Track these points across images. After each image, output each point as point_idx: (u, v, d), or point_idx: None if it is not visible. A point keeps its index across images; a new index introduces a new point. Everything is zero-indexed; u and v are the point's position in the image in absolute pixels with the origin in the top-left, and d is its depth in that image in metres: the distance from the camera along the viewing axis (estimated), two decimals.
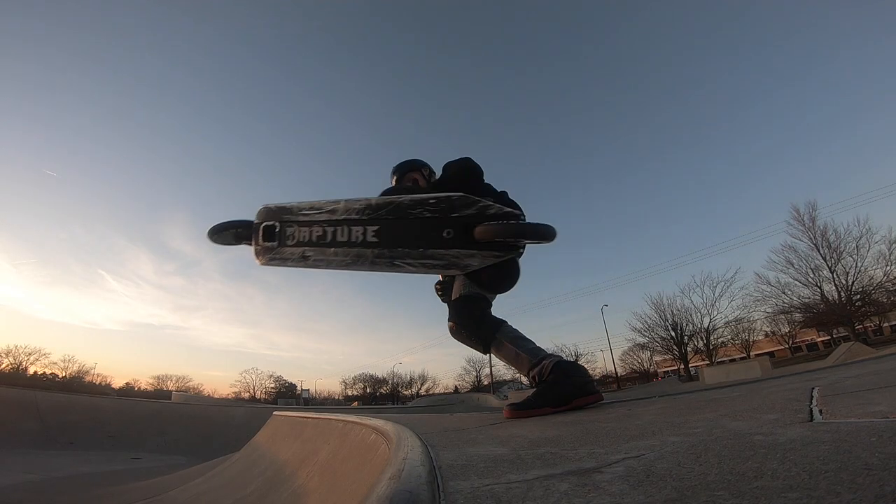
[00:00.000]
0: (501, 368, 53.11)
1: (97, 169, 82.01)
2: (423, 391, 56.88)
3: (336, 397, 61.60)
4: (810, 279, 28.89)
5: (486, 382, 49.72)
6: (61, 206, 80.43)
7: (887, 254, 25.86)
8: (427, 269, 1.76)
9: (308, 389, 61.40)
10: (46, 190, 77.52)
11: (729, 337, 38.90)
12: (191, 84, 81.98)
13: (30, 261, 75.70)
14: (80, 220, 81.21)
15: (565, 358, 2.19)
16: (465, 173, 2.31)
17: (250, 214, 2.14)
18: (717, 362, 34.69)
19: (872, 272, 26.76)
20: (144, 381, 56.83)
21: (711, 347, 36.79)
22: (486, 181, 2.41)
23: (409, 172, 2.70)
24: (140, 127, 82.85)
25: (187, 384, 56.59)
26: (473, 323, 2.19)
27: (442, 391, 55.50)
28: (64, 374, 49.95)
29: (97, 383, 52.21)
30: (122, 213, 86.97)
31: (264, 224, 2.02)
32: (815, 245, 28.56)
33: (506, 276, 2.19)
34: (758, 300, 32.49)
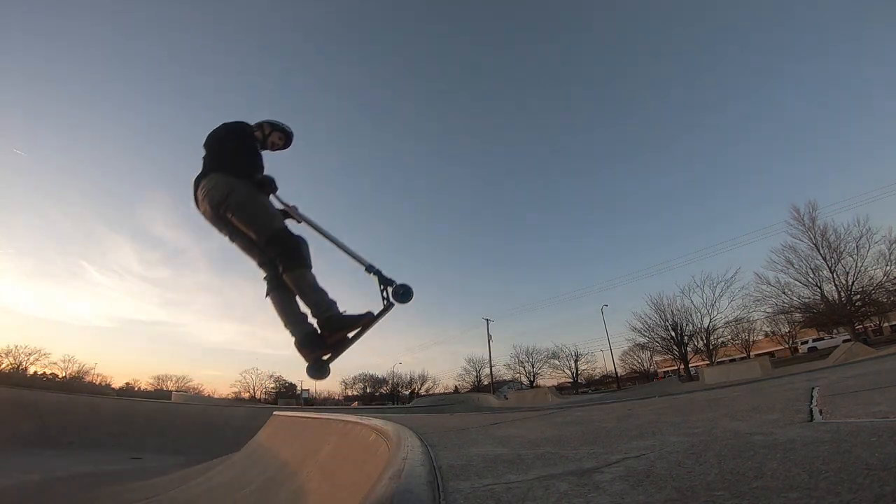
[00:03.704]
0: (501, 369, 53.33)
1: (68, 145, 74.48)
2: (423, 391, 56.90)
3: (336, 397, 61.61)
4: (810, 279, 28.85)
5: (486, 382, 49.75)
6: (33, 189, 72.73)
7: (887, 254, 25.81)
8: None
9: (308, 389, 61.36)
10: (14, 171, 67.90)
11: (729, 337, 38.89)
12: (166, 53, 75.40)
13: (6, 251, 69.87)
14: (55, 203, 74.18)
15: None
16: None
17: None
18: (717, 362, 34.66)
19: (872, 272, 26.71)
20: (144, 381, 56.79)
21: (711, 347, 36.77)
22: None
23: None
24: (111, 98, 75.71)
25: (187, 384, 56.54)
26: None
27: (442, 391, 55.53)
28: (64, 374, 49.94)
29: (97, 383, 52.16)
30: (99, 193, 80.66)
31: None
32: (815, 245, 28.52)
33: None
34: (758, 300, 32.43)
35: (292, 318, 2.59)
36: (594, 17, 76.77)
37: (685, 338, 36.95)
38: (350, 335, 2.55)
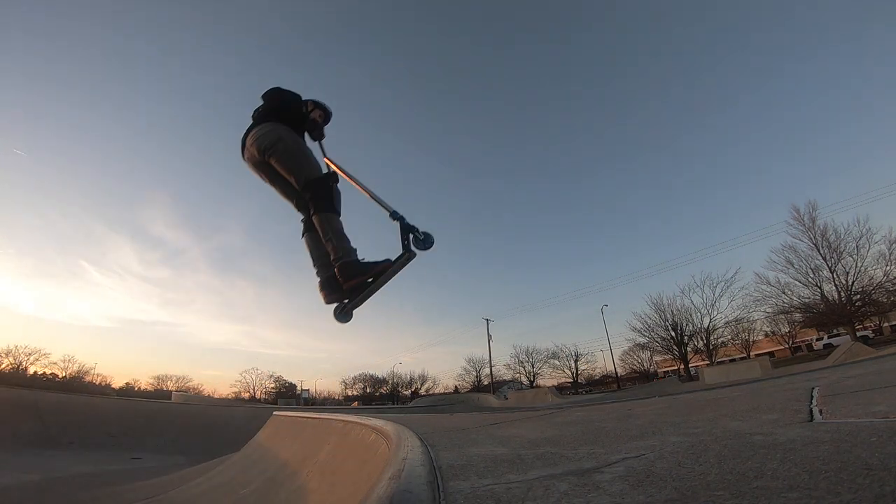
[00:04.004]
0: (501, 369, 53.34)
1: (68, 145, 74.34)
2: (423, 391, 56.89)
3: (336, 397, 61.59)
4: (810, 279, 28.85)
5: (486, 382, 49.75)
6: (33, 189, 73.10)
7: (887, 254, 25.79)
8: None
9: (308, 389, 61.41)
10: (15, 171, 69.00)
11: (729, 337, 38.87)
12: (166, 53, 75.25)
13: (6, 251, 69.97)
14: (55, 203, 74.56)
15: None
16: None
17: (234, 194, 2.34)
18: (717, 362, 34.66)
19: (872, 272, 26.72)
20: (144, 381, 56.78)
21: (711, 347, 36.76)
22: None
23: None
24: (111, 98, 75.81)
25: (187, 384, 56.53)
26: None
27: (442, 391, 55.51)
28: (64, 374, 49.88)
29: (97, 383, 52.12)
30: (99, 193, 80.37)
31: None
32: (815, 245, 28.52)
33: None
34: (758, 300, 32.42)
35: (321, 261, 2.73)
36: (594, 17, 76.82)
37: (685, 338, 36.95)
38: (368, 281, 2.58)
